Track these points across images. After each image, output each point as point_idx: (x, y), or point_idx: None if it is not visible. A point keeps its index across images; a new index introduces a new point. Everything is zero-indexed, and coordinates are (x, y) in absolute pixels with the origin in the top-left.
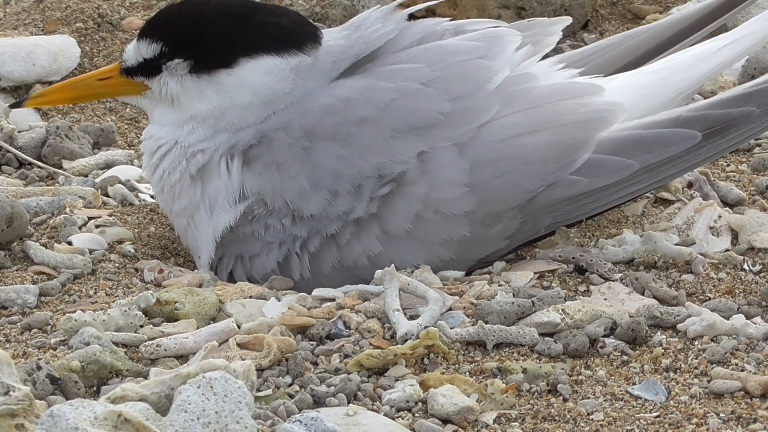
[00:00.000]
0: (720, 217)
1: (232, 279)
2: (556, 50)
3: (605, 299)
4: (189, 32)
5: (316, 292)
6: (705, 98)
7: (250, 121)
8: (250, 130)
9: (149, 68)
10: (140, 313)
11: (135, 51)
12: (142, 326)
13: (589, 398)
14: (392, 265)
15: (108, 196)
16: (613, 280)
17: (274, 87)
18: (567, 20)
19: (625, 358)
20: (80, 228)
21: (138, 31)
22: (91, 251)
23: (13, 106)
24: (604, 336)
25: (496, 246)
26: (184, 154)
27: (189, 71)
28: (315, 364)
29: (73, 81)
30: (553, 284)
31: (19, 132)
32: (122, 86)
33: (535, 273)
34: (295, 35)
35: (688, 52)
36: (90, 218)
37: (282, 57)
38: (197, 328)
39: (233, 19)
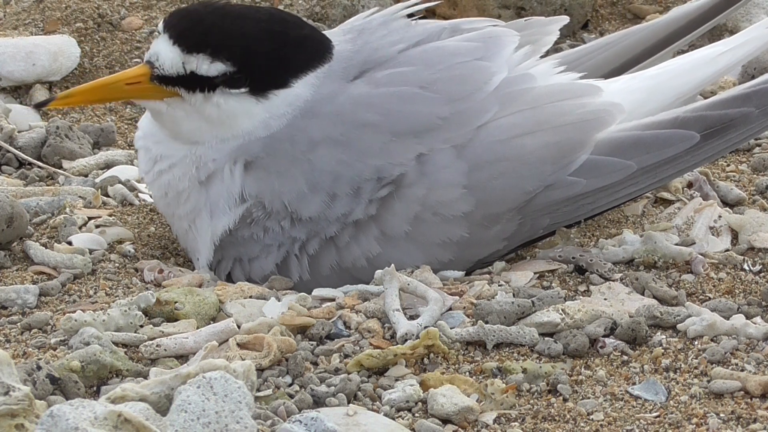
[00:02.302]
0: (720, 217)
1: (230, 281)
2: (557, 50)
3: (605, 299)
4: (255, 54)
5: (316, 292)
6: (705, 98)
7: (271, 130)
8: (261, 141)
9: (194, 81)
10: (140, 313)
11: (178, 61)
12: (142, 326)
13: (589, 398)
14: (392, 265)
15: (108, 196)
16: (613, 280)
17: (303, 96)
18: (564, 19)
19: (625, 358)
20: (80, 228)
21: (178, 37)
22: (91, 251)
23: (38, 106)
24: (604, 336)
25: (494, 247)
26: (196, 163)
27: (248, 92)
28: (315, 364)
29: (100, 84)
30: (553, 284)
31: (19, 132)
32: (150, 92)
33: (535, 273)
34: (322, 47)
35: (689, 57)
36: (90, 218)
37: (315, 70)
38: (197, 328)
39: (284, 39)
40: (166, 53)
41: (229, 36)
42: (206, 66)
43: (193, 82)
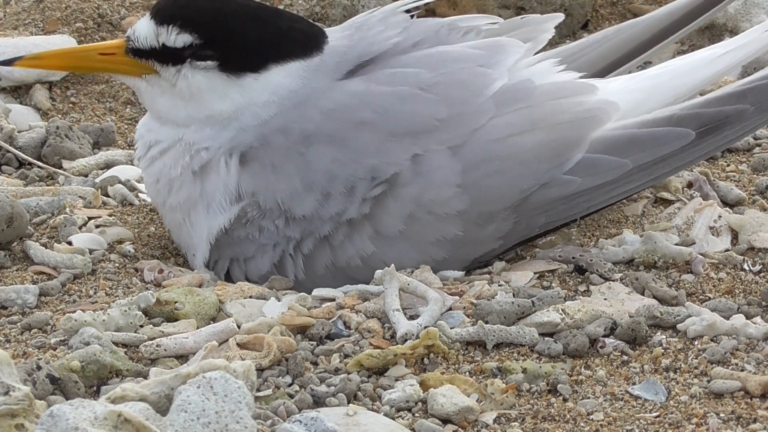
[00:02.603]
0: (720, 217)
1: (228, 280)
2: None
3: (605, 299)
4: (227, 30)
5: (316, 291)
6: (702, 96)
7: (261, 119)
8: (253, 130)
9: (166, 55)
10: (140, 313)
11: (151, 33)
12: (142, 326)
13: (589, 398)
14: (392, 265)
15: (108, 196)
16: (613, 280)
17: (289, 86)
18: (560, 17)
19: (625, 358)
20: (80, 228)
21: (155, 12)
22: (91, 251)
23: (3, 63)
24: (604, 336)
25: (489, 246)
26: (188, 151)
27: (217, 68)
28: (315, 364)
29: (72, 50)
30: (553, 284)
31: (19, 132)
32: (124, 66)
33: (535, 273)
34: (313, 40)
35: (689, 58)
36: (90, 218)
37: (302, 60)
38: (197, 328)
39: (266, 24)
40: (142, 27)
41: (202, 11)
42: (173, 37)
43: (166, 56)
